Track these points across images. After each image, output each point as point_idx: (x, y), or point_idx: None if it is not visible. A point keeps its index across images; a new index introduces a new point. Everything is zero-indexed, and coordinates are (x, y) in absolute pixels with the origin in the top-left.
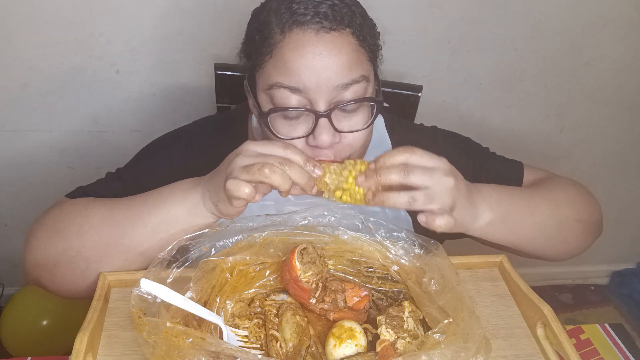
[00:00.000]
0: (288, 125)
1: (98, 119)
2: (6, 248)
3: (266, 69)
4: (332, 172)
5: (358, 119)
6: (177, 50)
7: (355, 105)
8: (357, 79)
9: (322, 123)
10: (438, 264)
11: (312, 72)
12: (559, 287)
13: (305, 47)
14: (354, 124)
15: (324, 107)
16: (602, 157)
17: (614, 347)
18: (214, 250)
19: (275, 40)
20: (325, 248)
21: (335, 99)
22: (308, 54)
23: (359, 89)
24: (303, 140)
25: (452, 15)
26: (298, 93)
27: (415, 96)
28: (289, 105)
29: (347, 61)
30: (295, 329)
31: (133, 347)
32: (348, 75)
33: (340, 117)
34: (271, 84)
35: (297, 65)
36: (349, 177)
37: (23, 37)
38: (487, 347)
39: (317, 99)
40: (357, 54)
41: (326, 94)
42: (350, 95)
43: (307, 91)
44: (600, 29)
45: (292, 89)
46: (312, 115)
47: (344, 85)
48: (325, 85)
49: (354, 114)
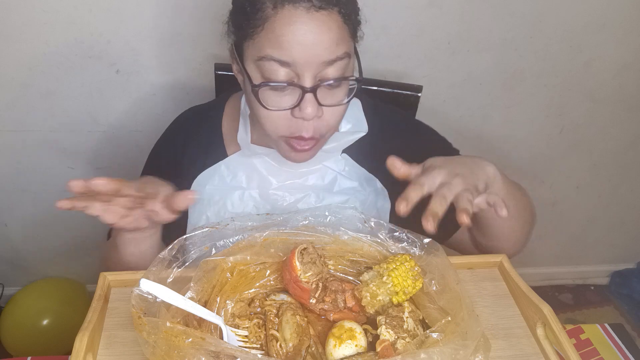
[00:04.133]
0: (275, 96)
1: (98, 119)
2: (6, 248)
3: (257, 41)
4: (375, 288)
5: (339, 94)
6: (177, 50)
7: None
8: (341, 56)
9: (308, 97)
10: (438, 264)
11: (302, 48)
12: (559, 287)
13: (297, 24)
14: (335, 99)
15: (310, 82)
16: (602, 157)
17: (614, 347)
18: (214, 250)
19: (267, 14)
20: (325, 248)
21: (319, 74)
22: (299, 30)
23: (342, 65)
24: (289, 112)
25: (452, 15)
26: (287, 66)
27: (415, 96)
28: (277, 77)
29: (334, 38)
30: (295, 329)
31: (133, 347)
32: (334, 52)
33: (324, 92)
34: (262, 55)
35: (288, 40)
36: (392, 279)
37: (23, 37)
38: (486, 345)
39: (304, 74)
40: (342, 32)
41: (313, 69)
42: (334, 71)
43: (296, 65)
44: (600, 29)
45: (281, 62)
46: (299, 89)
47: (330, 61)
48: (313, 60)
49: (335, 90)
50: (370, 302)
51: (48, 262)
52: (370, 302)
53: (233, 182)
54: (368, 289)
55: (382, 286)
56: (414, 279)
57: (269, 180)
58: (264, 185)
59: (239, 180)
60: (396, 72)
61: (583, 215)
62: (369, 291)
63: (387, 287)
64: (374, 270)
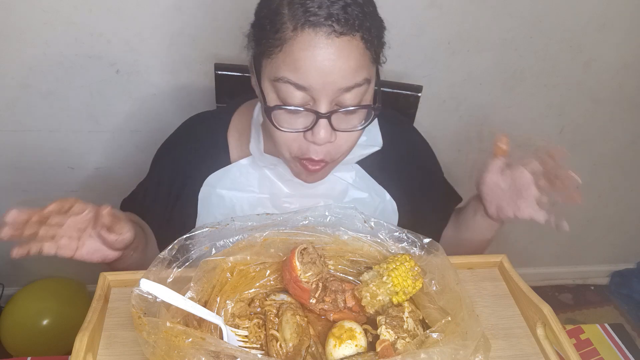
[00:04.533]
0: (289, 117)
1: (98, 119)
2: (6, 248)
3: (274, 61)
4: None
5: (354, 120)
6: (177, 50)
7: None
8: (360, 83)
9: (322, 122)
10: (438, 264)
11: (319, 74)
12: (559, 287)
13: (316, 49)
14: (350, 124)
15: (326, 108)
16: (602, 157)
17: (614, 347)
18: (214, 250)
19: (286, 35)
20: (325, 248)
21: (336, 99)
22: (318, 56)
23: (360, 92)
24: (301, 134)
25: (452, 15)
26: (303, 90)
27: (415, 96)
28: (292, 100)
29: (354, 66)
30: (295, 329)
31: (133, 347)
32: (353, 79)
33: (339, 117)
34: (278, 77)
35: (306, 65)
36: (392, 279)
37: (23, 37)
38: (486, 345)
39: (320, 99)
40: (363, 58)
41: (330, 95)
42: (351, 98)
43: (312, 90)
44: (600, 29)
45: (298, 86)
46: (314, 114)
47: (348, 88)
48: (330, 87)
49: (351, 116)
50: (370, 302)
51: (48, 262)
52: (370, 302)
53: (244, 185)
54: (368, 289)
55: (382, 286)
56: (414, 279)
57: (280, 187)
58: (275, 192)
59: (250, 184)
60: (396, 72)
61: (583, 215)
62: (369, 291)
63: (387, 287)
64: (374, 270)
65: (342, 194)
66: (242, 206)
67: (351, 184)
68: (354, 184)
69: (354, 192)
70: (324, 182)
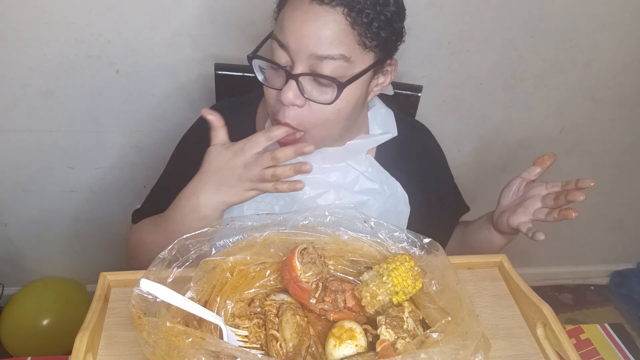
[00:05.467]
0: (271, 74)
1: (98, 119)
2: (6, 248)
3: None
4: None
5: (328, 94)
6: (177, 50)
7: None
8: (334, 56)
9: (291, 83)
10: (438, 264)
11: (295, 35)
12: (559, 287)
13: (297, 12)
14: (322, 97)
15: (299, 70)
16: (602, 157)
17: (614, 347)
18: (214, 250)
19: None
20: (325, 248)
21: (312, 66)
22: (298, 17)
23: (336, 66)
24: (276, 93)
25: (452, 15)
26: (284, 49)
27: (415, 96)
28: (276, 58)
29: (329, 37)
30: (295, 329)
31: (133, 347)
32: (326, 49)
33: (313, 86)
34: (272, 33)
35: (288, 24)
36: (392, 279)
37: (23, 37)
38: (486, 345)
39: (296, 60)
40: (343, 34)
41: (304, 59)
42: (326, 69)
43: (290, 50)
44: (600, 29)
45: (280, 43)
46: (283, 71)
47: (319, 56)
48: (303, 50)
49: (326, 89)
50: (370, 302)
51: (48, 262)
52: (370, 302)
53: None
54: (368, 289)
55: (382, 286)
56: (414, 279)
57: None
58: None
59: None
60: (396, 72)
61: (583, 215)
62: (368, 291)
63: (387, 287)
64: (374, 270)
65: (352, 182)
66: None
67: (362, 173)
68: (366, 173)
69: (365, 182)
70: (337, 169)
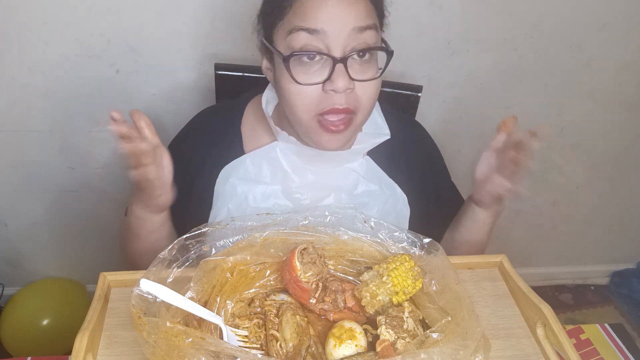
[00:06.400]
0: (305, 71)
1: (98, 119)
2: (6, 248)
3: (286, 21)
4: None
5: (370, 70)
6: (177, 50)
7: (369, 55)
8: (370, 25)
9: (339, 68)
10: (438, 264)
11: (329, 16)
12: (559, 287)
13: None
14: (366, 74)
15: (340, 53)
16: (602, 157)
17: (614, 347)
18: (214, 250)
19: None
20: (325, 248)
21: (349, 45)
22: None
23: (372, 36)
24: (320, 86)
25: (452, 15)
26: (316, 35)
27: (415, 96)
28: (307, 48)
29: (363, 9)
30: (295, 329)
31: (133, 347)
32: (365, 20)
33: (355, 67)
34: (291, 28)
35: (315, 9)
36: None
37: (23, 37)
38: (486, 345)
39: (333, 44)
40: (368, 7)
41: (343, 38)
42: (364, 41)
43: (325, 34)
44: (600, 29)
45: (310, 30)
46: (330, 61)
47: (361, 28)
48: (342, 28)
49: (366, 65)
50: (370, 302)
51: (48, 262)
52: (370, 302)
53: (257, 176)
54: (368, 289)
55: (382, 286)
56: (414, 279)
57: (292, 178)
58: (286, 182)
59: (263, 175)
60: (396, 72)
61: (583, 215)
62: (368, 291)
63: (387, 287)
64: (374, 270)
65: (352, 185)
66: (255, 197)
67: (362, 176)
68: (365, 175)
69: (364, 184)
70: (335, 173)
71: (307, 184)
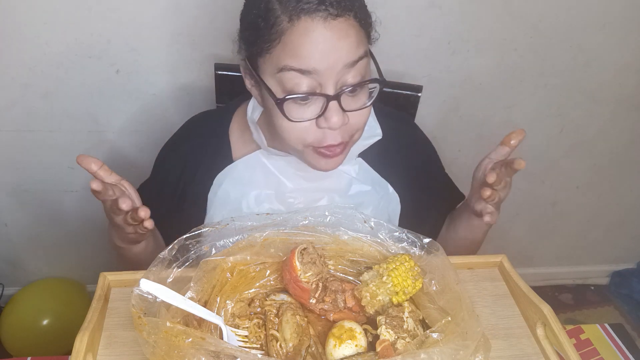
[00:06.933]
0: (298, 108)
1: (98, 119)
2: (6, 248)
3: (274, 54)
4: (375, 288)
5: (362, 98)
6: (177, 50)
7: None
8: (362, 56)
9: (332, 105)
10: (438, 264)
11: (322, 56)
12: (559, 287)
13: (315, 34)
14: (358, 103)
15: (333, 90)
16: (602, 157)
17: (614, 347)
18: (214, 250)
19: (282, 27)
20: (325, 248)
21: (340, 80)
22: (318, 38)
23: (362, 67)
24: (313, 122)
25: (452, 15)
26: (308, 75)
27: (415, 96)
28: (299, 88)
29: (354, 42)
30: (295, 329)
31: (133, 347)
32: (355, 53)
33: (346, 98)
34: (281, 67)
35: (308, 49)
36: (392, 279)
37: (23, 37)
38: (486, 345)
39: (326, 81)
40: (359, 35)
41: (334, 76)
42: (354, 75)
43: (317, 73)
44: (600, 29)
45: (302, 71)
46: (323, 98)
47: (351, 63)
48: (334, 66)
49: (358, 94)
50: (370, 302)
51: (48, 262)
52: (370, 302)
53: (250, 182)
54: (368, 289)
55: (382, 286)
56: (414, 279)
57: (284, 183)
58: (279, 187)
59: (255, 180)
60: (396, 72)
61: (583, 215)
62: (368, 291)
63: (387, 287)
64: (373, 270)
65: (346, 187)
66: (248, 203)
67: (355, 177)
68: (358, 177)
69: (357, 186)
70: (329, 176)
71: (300, 188)
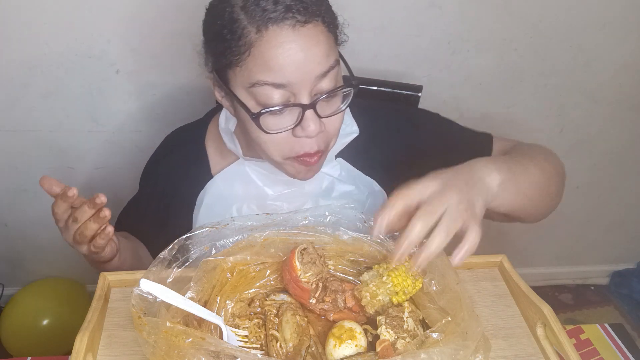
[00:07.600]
0: (273, 119)
1: (98, 119)
2: (6, 248)
3: (244, 68)
4: (375, 288)
5: (336, 102)
6: (177, 50)
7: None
8: (333, 65)
9: (309, 114)
10: (438, 264)
11: (295, 67)
12: (559, 287)
13: (285, 44)
14: (332, 108)
15: (308, 99)
16: (602, 157)
17: (614, 347)
18: (214, 250)
19: (251, 39)
20: (325, 248)
21: (314, 88)
22: (289, 49)
23: (334, 74)
24: (290, 132)
25: (452, 15)
26: (282, 88)
27: (415, 96)
28: (272, 101)
29: (325, 49)
30: (295, 329)
31: (133, 347)
32: (327, 62)
33: (321, 105)
34: (254, 82)
35: (279, 62)
36: (392, 279)
37: (23, 37)
38: (487, 345)
39: (300, 92)
40: (329, 41)
41: (309, 86)
42: (328, 82)
43: (291, 85)
44: (600, 29)
45: (276, 85)
46: (298, 107)
47: (324, 73)
48: (308, 77)
49: (332, 100)
50: (370, 302)
51: (48, 262)
52: (370, 302)
53: (230, 194)
54: (368, 289)
55: (382, 286)
56: (414, 279)
57: (265, 191)
58: (260, 196)
59: (235, 192)
60: (396, 72)
61: (583, 215)
62: (368, 291)
63: (387, 287)
64: (373, 270)
65: (328, 189)
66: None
67: (337, 179)
68: (340, 177)
69: (340, 186)
70: (309, 181)
71: (282, 194)
